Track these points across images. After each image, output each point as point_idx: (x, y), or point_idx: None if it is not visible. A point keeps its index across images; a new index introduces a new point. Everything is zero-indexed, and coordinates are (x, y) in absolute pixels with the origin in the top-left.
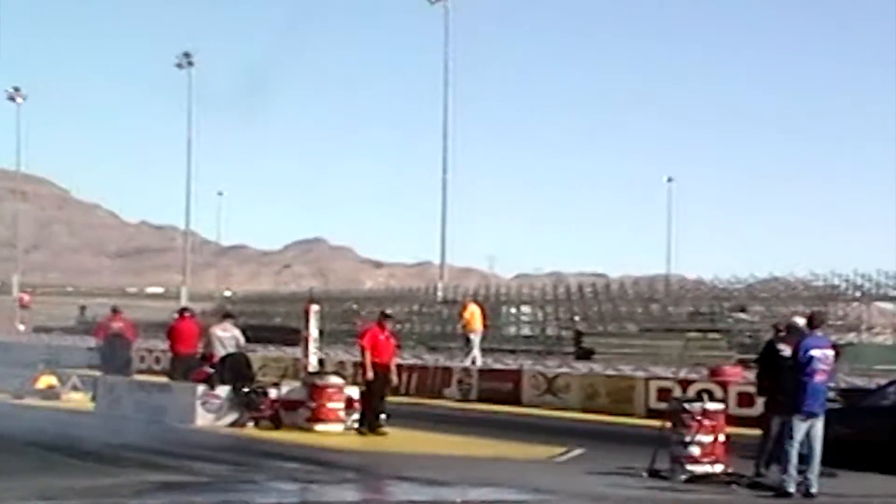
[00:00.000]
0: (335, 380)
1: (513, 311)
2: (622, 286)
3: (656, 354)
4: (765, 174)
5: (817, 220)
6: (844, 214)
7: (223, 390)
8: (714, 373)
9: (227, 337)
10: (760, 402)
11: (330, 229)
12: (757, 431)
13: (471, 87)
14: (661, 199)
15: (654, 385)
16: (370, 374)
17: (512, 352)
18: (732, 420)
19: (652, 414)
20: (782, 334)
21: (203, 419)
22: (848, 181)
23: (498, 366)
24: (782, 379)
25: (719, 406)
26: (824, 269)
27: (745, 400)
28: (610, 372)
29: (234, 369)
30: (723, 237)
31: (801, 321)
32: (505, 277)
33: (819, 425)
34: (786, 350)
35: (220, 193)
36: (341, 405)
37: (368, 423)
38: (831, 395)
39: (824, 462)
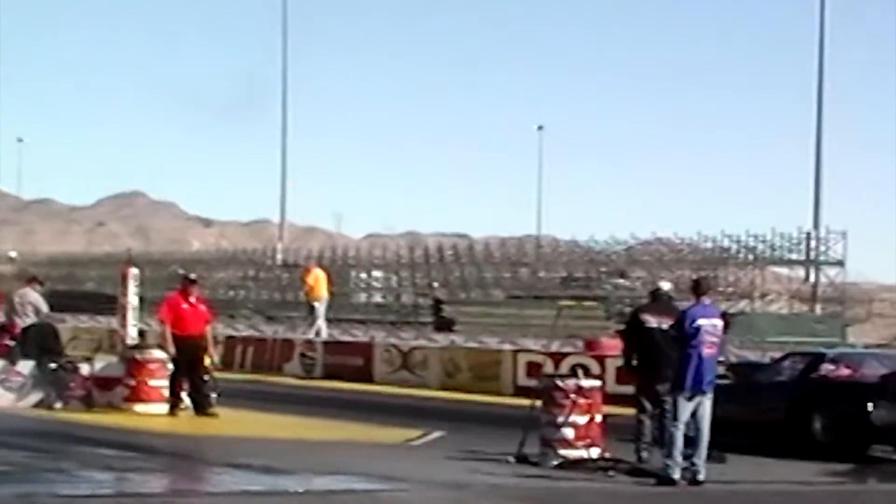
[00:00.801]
0: (158, 354)
1: (363, 275)
2: (487, 248)
3: (525, 325)
4: (648, 124)
5: (706, 177)
6: (736, 171)
7: (26, 366)
8: (590, 345)
9: (29, 303)
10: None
11: (150, 182)
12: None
13: (317, 30)
14: (531, 151)
15: (522, 359)
16: (172, 350)
17: (362, 322)
18: (610, 398)
19: (520, 392)
20: (645, 302)
21: (2, 399)
22: (740, 134)
23: (346, 338)
24: (651, 353)
25: (596, 383)
26: (713, 229)
27: (624, 376)
28: (473, 345)
29: (39, 342)
30: (600, 194)
31: (666, 286)
32: (354, 238)
33: (707, 404)
34: (651, 321)
35: (20, 140)
36: (165, 383)
37: (195, 405)
38: (720, 370)
39: (713, 445)
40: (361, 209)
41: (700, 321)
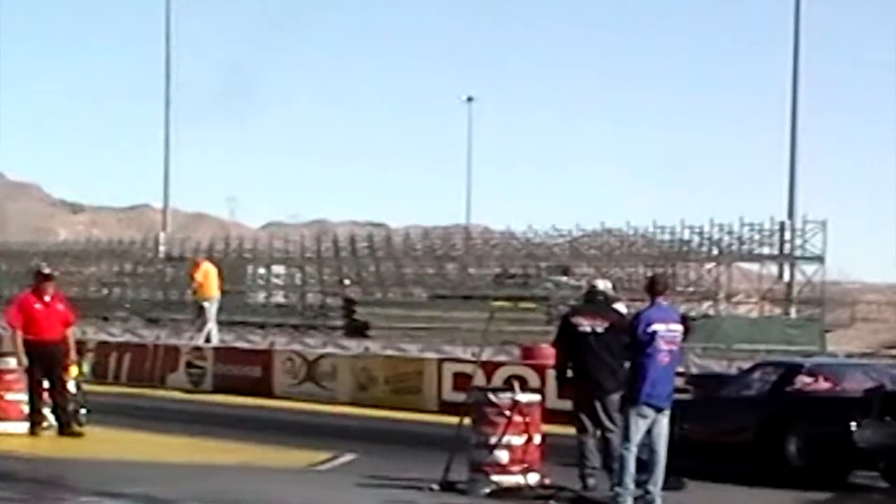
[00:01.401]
0: (14, 363)
1: (261, 271)
2: (407, 239)
3: (452, 329)
4: (597, 101)
5: (664, 164)
6: (699, 157)
7: None
8: (528, 353)
9: None
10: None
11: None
12: None
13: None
14: (459, 127)
15: (448, 369)
16: (24, 360)
17: (260, 326)
18: (552, 415)
19: (446, 408)
20: (577, 304)
21: None
22: (705, 115)
23: (241, 344)
24: (586, 362)
25: (535, 397)
26: (672, 220)
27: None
28: (390, 352)
29: None
30: (539, 179)
31: (602, 285)
32: (251, 227)
33: (664, 422)
34: (584, 324)
35: None
36: (24, 396)
37: (58, 422)
38: (679, 382)
39: (670, 469)
40: (260, 194)
41: (656, 325)
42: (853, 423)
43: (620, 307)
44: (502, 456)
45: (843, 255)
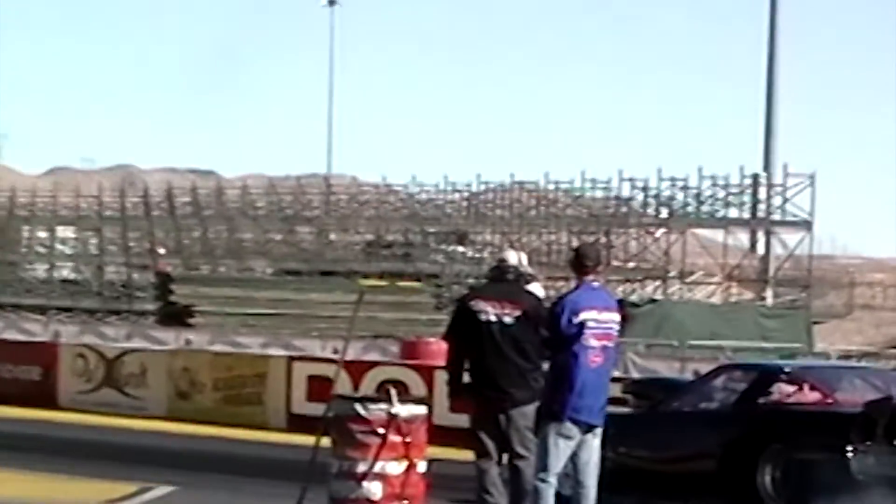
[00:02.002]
0: None
1: (41, 234)
2: (245, 194)
3: (306, 317)
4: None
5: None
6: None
7: None
8: (411, 350)
9: None
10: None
11: None
12: None
13: None
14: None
15: (301, 371)
16: None
17: (41, 310)
18: (443, 435)
19: (297, 423)
20: (478, 284)
21: None
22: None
23: (14, 335)
24: (488, 363)
25: (419, 411)
26: (606, 171)
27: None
28: (221, 348)
29: None
30: (428, 114)
31: (513, 258)
32: (28, 174)
33: (594, 445)
34: (488, 311)
35: None
36: None
37: None
38: (615, 390)
39: None
40: (41, 133)
41: (584, 314)
42: (850, 448)
43: (537, 289)
44: (374, 489)
45: (837, 221)
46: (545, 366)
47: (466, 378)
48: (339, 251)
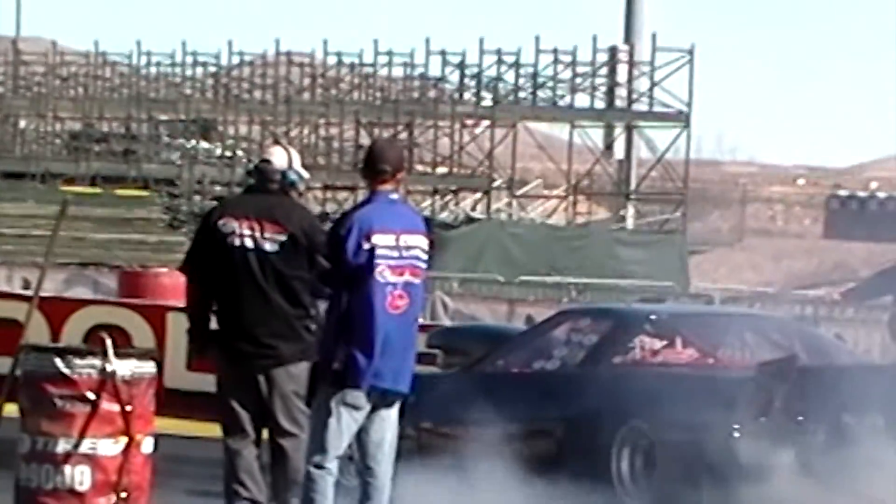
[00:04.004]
0: None
1: None
2: None
3: None
4: None
5: None
6: None
7: None
8: (132, 284)
9: None
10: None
11: None
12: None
13: None
14: None
15: None
16: None
17: None
18: (177, 403)
19: None
20: (229, 196)
21: None
22: None
23: None
24: (240, 302)
25: (144, 369)
26: (406, 43)
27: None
28: None
29: None
30: None
31: (280, 159)
32: None
33: (390, 419)
34: (241, 231)
35: None
36: None
37: None
38: (420, 343)
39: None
40: None
41: (378, 237)
42: (736, 426)
43: (300, 201)
44: (80, 476)
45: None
46: (322, 309)
47: (215, 325)
48: (31, 145)
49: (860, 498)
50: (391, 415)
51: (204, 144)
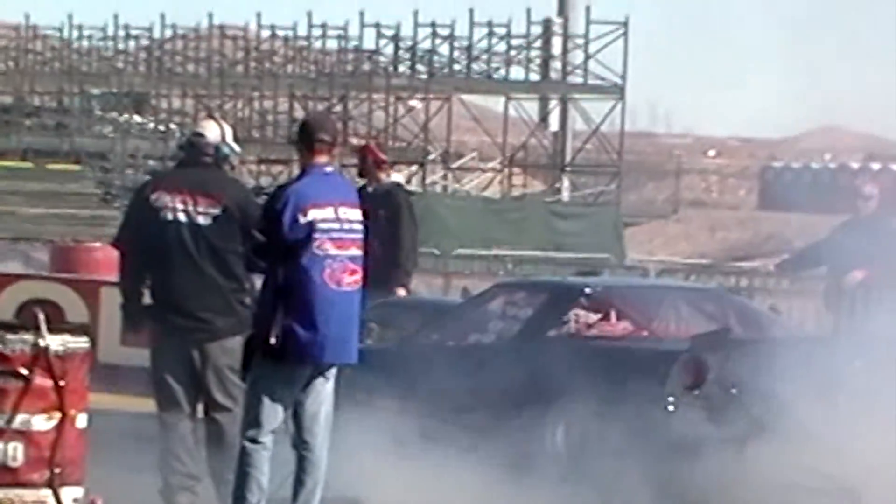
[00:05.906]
0: None
1: None
2: None
3: None
4: None
5: None
6: None
7: None
8: (66, 258)
9: None
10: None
11: None
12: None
13: None
14: None
15: None
16: None
17: None
18: (111, 378)
19: None
20: (162, 170)
21: None
22: None
23: None
24: (173, 278)
25: (77, 343)
26: (341, 15)
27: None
28: None
29: None
30: None
31: (213, 132)
32: None
33: (325, 390)
34: (175, 206)
35: None
36: None
37: None
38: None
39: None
40: None
41: (315, 212)
42: (671, 399)
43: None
44: (13, 452)
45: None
46: (258, 283)
47: (148, 300)
48: None
49: (794, 469)
50: (327, 388)
51: (137, 118)
